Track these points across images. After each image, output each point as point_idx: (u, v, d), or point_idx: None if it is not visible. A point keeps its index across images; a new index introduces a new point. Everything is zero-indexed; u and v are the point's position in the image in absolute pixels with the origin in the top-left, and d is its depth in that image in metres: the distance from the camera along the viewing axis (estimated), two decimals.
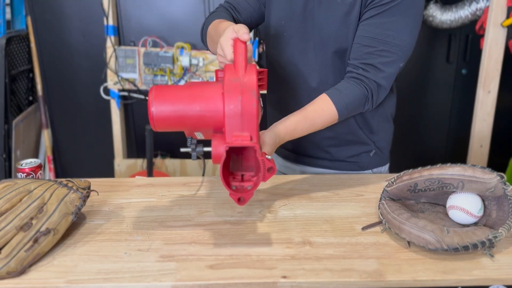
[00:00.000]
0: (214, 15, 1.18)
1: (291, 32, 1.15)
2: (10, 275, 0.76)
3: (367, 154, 1.24)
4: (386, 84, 1.06)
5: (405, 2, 1.01)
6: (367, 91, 1.04)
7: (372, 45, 1.04)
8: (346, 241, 0.87)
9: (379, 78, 1.04)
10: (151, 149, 2.31)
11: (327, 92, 1.04)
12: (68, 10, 2.40)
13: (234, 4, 1.22)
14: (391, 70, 1.05)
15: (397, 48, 1.03)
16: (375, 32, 1.03)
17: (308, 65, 1.15)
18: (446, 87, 2.60)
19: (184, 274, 0.77)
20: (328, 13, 1.08)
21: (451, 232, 0.81)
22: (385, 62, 1.04)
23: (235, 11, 1.22)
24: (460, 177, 0.86)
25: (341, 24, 1.07)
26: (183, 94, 0.81)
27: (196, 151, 0.85)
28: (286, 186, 1.11)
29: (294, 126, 1.00)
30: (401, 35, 1.03)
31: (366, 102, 1.06)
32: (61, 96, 2.55)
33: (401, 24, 1.03)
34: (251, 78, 0.81)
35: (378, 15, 1.03)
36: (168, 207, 1.01)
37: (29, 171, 1.01)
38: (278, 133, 0.97)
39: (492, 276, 0.77)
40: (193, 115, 0.80)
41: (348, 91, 1.04)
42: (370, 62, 1.04)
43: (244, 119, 0.79)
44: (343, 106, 1.03)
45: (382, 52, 1.03)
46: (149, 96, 0.81)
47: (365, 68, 1.04)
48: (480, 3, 2.24)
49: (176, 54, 2.35)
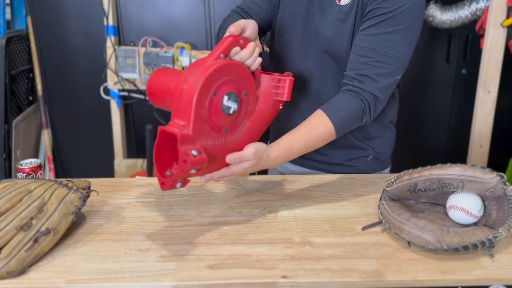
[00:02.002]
0: (227, 20, 1.17)
1: (293, 34, 1.15)
2: (10, 275, 0.76)
3: (365, 159, 1.23)
4: (382, 96, 1.02)
5: (404, 13, 0.98)
6: (363, 103, 1.00)
7: (368, 55, 1.01)
8: (346, 241, 0.87)
9: (375, 89, 1.00)
10: (151, 149, 2.31)
11: (322, 108, 1.01)
12: (68, 10, 2.40)
13: (245, 9, 1.20)
14: (387, 82, 1.01)
15: (394, 60, 1.00)
16: (372, 43, 1.00)
17: (307, 69, 1.14)
18: (446, 87, 2.60)
19: (184, 274, 0.77)
20: (326, 18, 1.07)
21: (451, 232, 0.81)
22: (381, 73, 1.01)
23: (247, 15, 1.20)
24: (460, 177, 0.86)
25: (337, 30, 1.06)
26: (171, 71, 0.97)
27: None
28: (286, 186, 1.11)
29: (289, 145, 0.95)
30: (399, 47, 1.00)
31: (364, 115, 1.02)
32: (61, 96, 2.55)
33: (400, 35, 1.00)
34: (204, 72, 0.82)
35: (376, 25, 1.00)
36: (168, 207, 1.01)
37: (29, 171, 1.01)
38: (270, 152, 0.92)
39: (492, 276, 0.77)
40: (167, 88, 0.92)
41: (344, 104, 1.00)
42: (366, 73, 1.01)
43: (182, 108, 0.82)
44: (340, 120, 0.98)
45: (378, 63, 1.00)
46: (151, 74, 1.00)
47: (360, 80, 1.01)
48: (480, 3, 2.24)
49: (176, 54, 2.35)
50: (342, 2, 1.05)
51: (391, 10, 0.99)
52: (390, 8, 0.98)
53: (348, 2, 1.04)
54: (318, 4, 1.09)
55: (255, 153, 0.87)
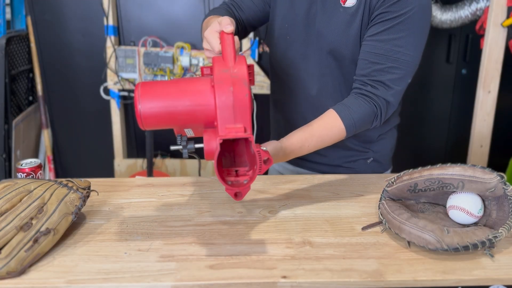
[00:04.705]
0: (212, 12, 1.16)
1: (293, 36, 1.13)
2: (10, 275, 0.76)
3: (364, 161, 1.23)
4: (394, 101, 1.04)
5: (414, 17, 0.98)
6: (376, 108, 1.02)
7: (381, 62, 1.01)
8: (346, 241, 0.87)
9: (388, 95, 1.02)
10: (151, 149, 2.31)
11: (335, 108, 1.01)
12: (68, 10, 2.40)
13: (237, 1, 1.20)
14: (399, 87, 1.03)
15: (405, 64, 1.01)
16: (384, 49, 1.01)
17: (308, 71, 1.13)
18: (446, 87, 2.59)
19: (184, 274, 0.77)
20: (330, 20, 1.06)
21: (451, 232, 0.81)
22: (394, 79, 1.02)
23: (238, 9, 1.19)
24: (460, 177, 0.86)
25: (341, 33, 1.05)
26: (171, 89, 0.78)
27: (188, 148, 0.82)
28: (286, 186, 1.11)
29: (301, 144, 0.97)
30: (410, 51, 1.01)
31: (375, 119, 1.03)
32: (61, 96, 2.55)
33: (409, 40, 1.00)
34: (242, 68, 0.78)
35: (387, 31, 1.00)
36: (168, 207, 1.01)
37: (29, 171, 1.01)
38: (284, 148, 0.95)
39: (492, 276, 0.77)
40: (183, 110, 0.78)
41: (357, 107, 1.01)
42: (379, 79, 1.02)
43: (236, 111, 0.75)
44: (352, 122, 1.00)
45: (391, 69, 1.01)
46: (135, 93, 0.78)
47: (374, 85, 1.02)
48: (480, 3, 2.24)
49: (176, 54, 2.35)
50: (348, 4, 1.04)
51: (400, 14, 0.98)
52: (399, 12, 0.98)
53: (354, 4, 1.03)
54: (321, 5, 1.07)
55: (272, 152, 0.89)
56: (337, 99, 1.08)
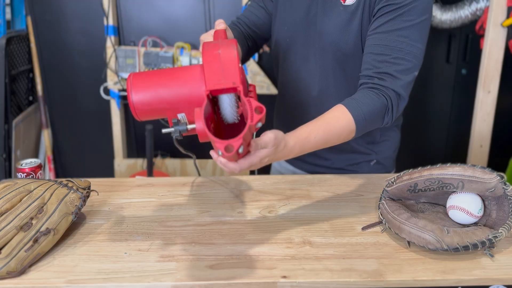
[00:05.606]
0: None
1: (294, 38, 1.14)
2: (10, 275, 0.76)
3: (367, 164, 1.22)
4: (405, 94, 0.98)
5: (416, 8, 0.97)
6: (386, 100, 0.96)
7: (386, 53, 0.97)
8: (346, 241, 0.87)
9: (397, 86, 0.97)
10: (151, 149, 2.31)
11: (343, 102, 0.96)
12: (68, 10, 2.40)
13: (242, 19, 1.22)
14: (407, 78, 0.98)
15: (411, 56, 0.97)
16: (388, 39, 0.98)
17: (309, 72, 1.13)
18: (446, 87, 2.59)
19: (184, 274, 0.77)
20: (330, 19, 1.06)
21: (451, 232, 0.81)
22: (401, 70, 0.97)
23: (244, 26, 1.21)
24: (460, 177, 0.86)
25: (342, 31, 1.04)
26: (162, 76, 0.79)
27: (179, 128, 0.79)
28: (286, 186, 1.11)
29: (307, 135, 0.88)
30: (415, 42, 0.98)
31: (386, 113, 0.97)
32: (61, 96, 2.55)
33: (414, 30, 0.97)
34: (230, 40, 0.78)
35: (390, 22, 0.98)
36: (168, 207, 1.01)
37: (29, 171, 1.01)
38: (287, 140, 0.85)
39: (492, 276, 0.77)
40: (175, 96, 0.78)
41: (366, 99, 0.95)
42: (385, 70, 0.97)
43: (224, 68, 0.74)
44: (361, 115, 0.93)
45: (396, 59, 0.97)
46: (128, 83, 0.79)
47: (380, 77, 0.97)
48: (480, 3, 2.24)
49: (176, 54, 2.35)
50: (347, 2, 1.03)
51: (402, 6, 0.96)
52: (401, 3, 0.96)
53: (354, 2, 1.02)
54: (321, 5, 1.07)
55: (274, 138, 0.78)
56: (339, 99, 1.07)
